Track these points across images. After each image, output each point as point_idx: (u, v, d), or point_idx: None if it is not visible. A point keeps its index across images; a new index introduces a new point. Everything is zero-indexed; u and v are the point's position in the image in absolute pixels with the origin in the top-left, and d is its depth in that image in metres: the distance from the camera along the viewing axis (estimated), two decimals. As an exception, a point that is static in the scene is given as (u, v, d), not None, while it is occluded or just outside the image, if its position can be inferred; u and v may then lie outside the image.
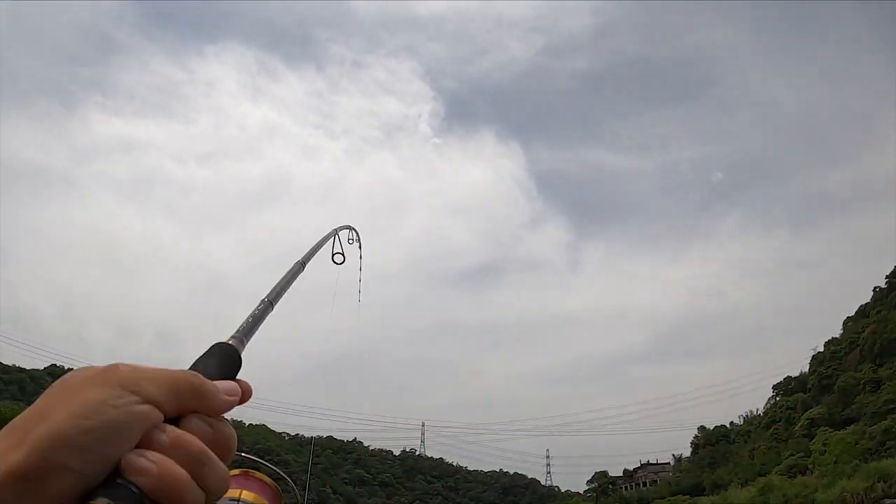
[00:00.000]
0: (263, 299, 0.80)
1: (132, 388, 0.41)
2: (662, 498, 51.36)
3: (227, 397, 0.47)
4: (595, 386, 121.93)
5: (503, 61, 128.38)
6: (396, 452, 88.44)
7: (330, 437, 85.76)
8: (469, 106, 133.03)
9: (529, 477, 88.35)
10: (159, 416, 0.41)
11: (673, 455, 65.59)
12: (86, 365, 0.45)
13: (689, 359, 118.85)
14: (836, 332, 51.75)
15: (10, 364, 59.28)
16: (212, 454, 0.42)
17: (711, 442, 57.51)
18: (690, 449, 61.45)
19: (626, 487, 65.31)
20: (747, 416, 59.15)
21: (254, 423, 75.94)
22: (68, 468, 0.37)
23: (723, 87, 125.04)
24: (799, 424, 44.08)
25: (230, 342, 0.59)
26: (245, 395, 0.51)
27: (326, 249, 1.75)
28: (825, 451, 34.46)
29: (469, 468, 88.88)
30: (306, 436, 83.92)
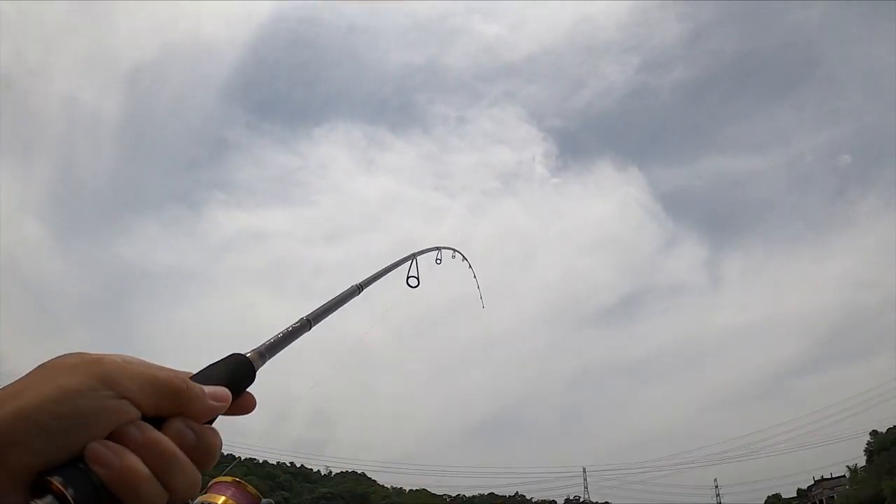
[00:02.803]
0: (303, 317, 0.77)
1: (110, 383, 0.41)
2: (839, 514, 47.65)
3: (212, 402, 0.46)
4: (757, 405, 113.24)
5: (603, 88, 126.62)
6: (560, 501, 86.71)
7: (492, 494, 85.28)
8: (580, 140, 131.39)
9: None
10: (135, 412, 0.41)
11: (848, 467, 60.57)
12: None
13: (852, 360, 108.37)
14: None
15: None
16: (182, 458, 0.42)
17: (886, 447, 52.85)
18: (865, 457, 56.72)
19: (802, 508, 60.82)
20: (922, 412, 54.10)
21: (414, 488, 77.39)
22: (32, 446, 0.37)
23: (830, 65, 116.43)
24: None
25: (248, 354, 0.57)
26: (246, 406, 0.52)
27: (400, 273, 1.79)
28: None
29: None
30: (467, 495, 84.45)
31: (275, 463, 74.03)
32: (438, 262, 2.60)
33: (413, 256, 1.91)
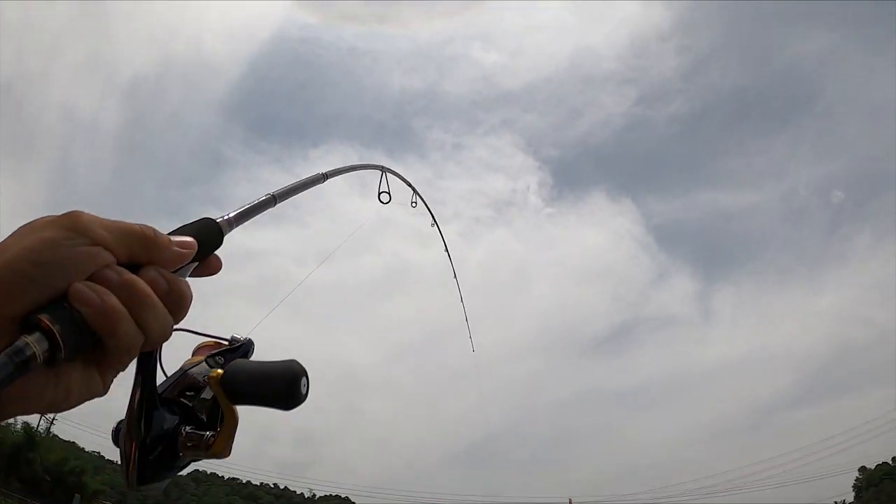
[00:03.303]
0: (269, 193, 0.81)
1: (85, 231, 0.44)
2: (827, 550, 47.22)
3: (179, 249, 0.50)
4: (746, 438, 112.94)
5: (600, 119, 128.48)
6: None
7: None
8: (575, 170, 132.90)
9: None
10: (110, 258, 0.45)
11: (836, 502, 60.25)
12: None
13: (842, 395, 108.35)
14: None
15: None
16: (156, 300, 0.46)
17: (874, 483, 52.58)
18: (853, 493, 56.36)
19: (789, 543, 60.29)
20: (910, 449, 53.82)
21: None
22: (18, 292, 0.41)
23: (826, 99, 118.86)
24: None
25: (217, 219, 0.61)
26: (213, 267, 0.58)
27: (364, 181, 1.79)
28: None
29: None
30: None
31: (258, 484, 73.16)
32: (414, 205, 2.45)
33: (383, 170, 1.90)
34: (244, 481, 72.19)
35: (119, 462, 0.56)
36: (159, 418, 0.56)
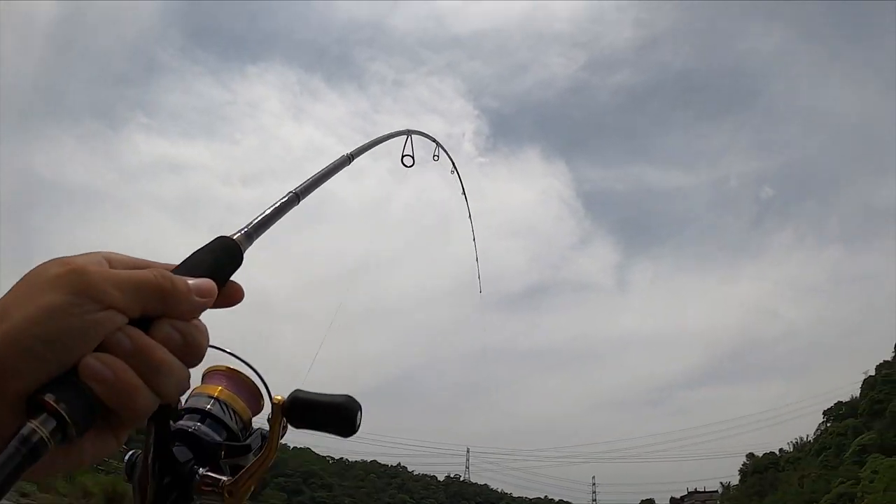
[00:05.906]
0: (290, 191, 0.73)
1: (93, 294, 0.39)
2: (708, 527, 50.13)
3: (198, 300, 0.45)
4: (645, 411, 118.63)
5: (545, 78, 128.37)
6: (440, 478, 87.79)
7: (374, 462, 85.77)
8: (512, 124, 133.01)
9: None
10: (122, 320, 0.41)
11: (721, 483, 63.86)
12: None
13: (742, 382, 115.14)
14: (889, 354, 49.95)
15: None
16: (173, 362, 0.42)
17: (760, 469, 55.87)
18: (739, 476, 59.77)
19: (672, 516, 63.75)
20: (797, 442, 57.32)
21: (298, 446, 76.68)
22: (23, 371, 0.37)
23: (772, 98, 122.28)
24: (849, 451, 42.57)
25: (235, 236, 0.55)
26: (233, 297, 0.52)
27: (387, 150, 1.65)
28: (875, 478, 33.48)
29: (514, 495, 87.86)
30: (350, 460, 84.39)
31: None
32: (436, 158, 2.29)
33: (408, 133, 1.77)
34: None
35: None
36: (173, 464, 0.56)
